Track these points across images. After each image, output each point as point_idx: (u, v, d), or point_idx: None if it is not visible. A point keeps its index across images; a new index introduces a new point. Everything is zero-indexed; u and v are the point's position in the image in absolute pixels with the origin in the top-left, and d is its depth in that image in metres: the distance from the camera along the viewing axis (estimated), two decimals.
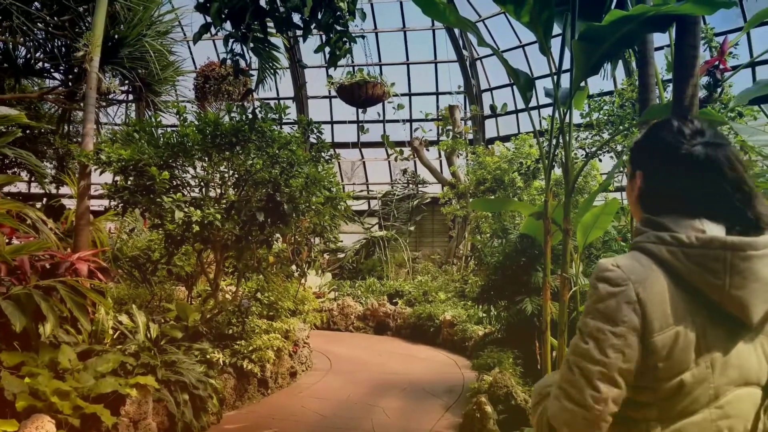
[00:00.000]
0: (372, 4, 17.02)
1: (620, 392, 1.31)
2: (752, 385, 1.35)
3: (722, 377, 1.30)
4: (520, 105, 16.19)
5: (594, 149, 10.18)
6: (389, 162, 18.93)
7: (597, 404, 1.30)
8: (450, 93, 17.67)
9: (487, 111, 17.62)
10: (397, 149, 17.09)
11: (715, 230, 1.33)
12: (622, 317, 1.30)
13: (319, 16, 3.99)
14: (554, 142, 4.42)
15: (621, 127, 9.29)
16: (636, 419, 1.35)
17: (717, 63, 4.18)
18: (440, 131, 16.57)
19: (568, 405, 1.34)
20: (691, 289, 1.31)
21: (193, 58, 15.54)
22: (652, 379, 1.32)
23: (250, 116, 6.24)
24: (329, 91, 14.97)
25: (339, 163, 19.17)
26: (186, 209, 5.95)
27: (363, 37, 11.73)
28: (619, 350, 1.29)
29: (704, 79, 4.32)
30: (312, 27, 4.10)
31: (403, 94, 17.77)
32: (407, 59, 18.24)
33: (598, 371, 1.31)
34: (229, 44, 4.14)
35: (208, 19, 3.96)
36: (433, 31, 17.46)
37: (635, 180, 1.54)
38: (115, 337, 5.58)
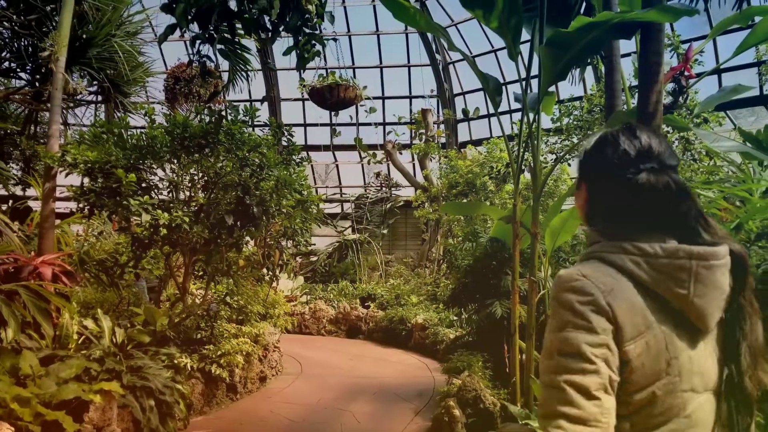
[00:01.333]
0: (345, 8, 17.05)
1: (614, 402, 1.25)
2: (710, 392, 1.34)
3: (687, 384, 1.29)
4: (492, 109, 16.29)
5: (563, 153, 10.28)
6: (362, 165, 18.90)
7: (603, 416, 1.22)
8: (423, 97, 17.77)
9: (459, 115, 17.71)
10: (370, 152, 17.08)
11: (670, 242, 1.33)
12: (598, 326, 1.25)
13: (288, 19, 3.97)
14: (523, 146, 4.46)
15: (590, 132, 9.39)
16: None
17: (682, 70, 4.25)
18: (413, 135, 16.60)
19: (570, 428, 1.21)
20: (655, 297, 1.30)
21: (163, 59, 15.41)
22: (624, 392, 1.28)
23: (216, 118, 6.17)
24: (302, 94, 14.91)
25: (313, 165, 19.09)
26: (153, 212, 5.86)
27: (335, 39, 11.69)
28: (604, 358, 1.24)
29: (670, 86, 4.39)
30: (280, 29, 4.07)
31: (376, 98, 17.80)
32: (380, 62, 18.29)
33: (594, 382, 1.23)
34: (196, 45, 4.10)
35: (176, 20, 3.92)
36: (407, 35, 17.53)
37: (582, 191, 1.52)
38: (79, 342, 5.47)
